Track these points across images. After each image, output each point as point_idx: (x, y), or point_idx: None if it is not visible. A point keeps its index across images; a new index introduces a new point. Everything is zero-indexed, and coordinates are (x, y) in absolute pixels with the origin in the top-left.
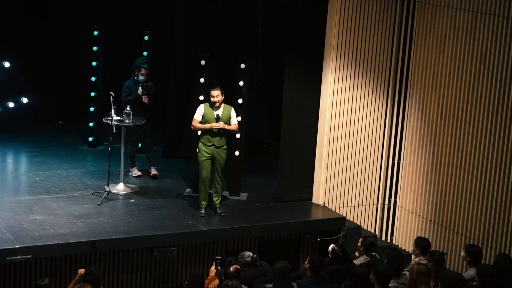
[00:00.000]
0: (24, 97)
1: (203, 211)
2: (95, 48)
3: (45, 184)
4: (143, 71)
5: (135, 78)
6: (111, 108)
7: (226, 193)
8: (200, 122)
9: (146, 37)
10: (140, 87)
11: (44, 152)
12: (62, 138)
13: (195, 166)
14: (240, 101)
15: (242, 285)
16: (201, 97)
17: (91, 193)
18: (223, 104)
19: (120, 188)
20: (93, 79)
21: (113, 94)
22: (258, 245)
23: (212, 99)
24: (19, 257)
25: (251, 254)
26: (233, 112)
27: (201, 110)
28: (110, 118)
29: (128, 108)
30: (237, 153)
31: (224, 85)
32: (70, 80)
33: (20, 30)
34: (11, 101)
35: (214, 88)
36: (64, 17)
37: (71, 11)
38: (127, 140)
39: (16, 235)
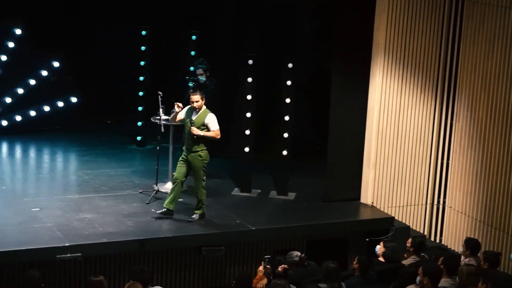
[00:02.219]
0: (73, 96)
1: (160, 211)
2: (143, 48)
3: (94, 183)
4: (198, 71)
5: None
6: (159, 108)
7: (273, 193)
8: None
9: (193, 37)
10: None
11: (92, 151)
12: (111, 137)
13: (240, 166)
14: (287, 100)
15: (291, 285)
16: (249, 97)
17: (140, 192)
18: (204, 109)
19: (168, 187)
20: (141, 78)
21: (161, 93)
22: (306, 244)
23: (191, 104)
24: (69, 255)
25: (299, 253)
26: (209, 118)
27: (184, 110)
28: (158, 117)
29: (176, 108)
30: (284, 152)
31: (271, 84)
32: (118, 80)
33: (69, 30)
34: (60, 101)
35: (194, 92)
36: (112, 17)
37: (119, 11)
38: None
39: (65, 233)
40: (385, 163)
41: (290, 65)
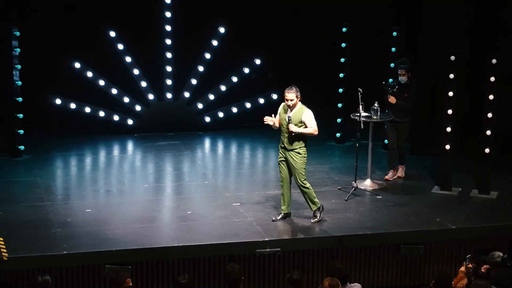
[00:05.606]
0: (274, 93)
1: (277, 217)
2: (343, 45)
3: (293, 179)
4: (399, 71)
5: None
6: (359, 104)
7: (475, 191)
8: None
9: (394, 33)
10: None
11: None
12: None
13: (440, 163)
14: (491, 97)
15: (492, 286)
16: (450, 93)
17: (338, 189)
18: (299, 105)
19: (367, 184)
20: (341, 75)
21: (361, 90)
22: (509, 245)
23: (286, 101)
24: (268, 249)
25: (501, 254)
26: (305, 115)
27: (279, 109)
28: (358, 114)
29: (376, 105)
30: (487, 150)
31: (471, 81)
32: (318, 76)
33: (270, 28)
34: (261, 97)
35: (289, 89)
36: (313, 14)
37: (320, 8)
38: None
39: (265, 228)
40: None
41: (494, 61)
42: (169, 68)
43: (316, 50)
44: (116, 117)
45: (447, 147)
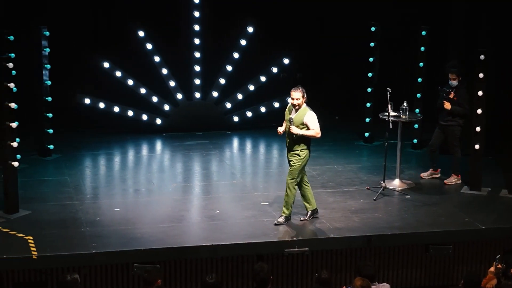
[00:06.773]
0: None
1: (305, 217)
2: (372, 44)
3: (322, 179)
4: (450, 75)
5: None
6: (387, 104)
7: (504, 191)
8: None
9: (423, 32)
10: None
11: (320, 147)
12: (339, 133)
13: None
14: None
15: None
16: (480, 93)
17: (367, 188)
18: (303, 107)
19: (396, 184)
20: (370, 74)
21: (390, 89)
22: None
23: (291, 101)
24: (296, 249)
25: None
26: (308, 117)
27: (286, 109)
28: (387, 113)
29: (404, 104)
30: None
31: (503, 80)
32: (347, 76)
33: (298, 27)
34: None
35: (295, 89)
36: (340, 13)
37: (348, 8)
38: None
39: (293, 228)
40: None
41: None
42: (197, 68)
43: (345, 49)
44: (144, 117)
45: (477, 146)
